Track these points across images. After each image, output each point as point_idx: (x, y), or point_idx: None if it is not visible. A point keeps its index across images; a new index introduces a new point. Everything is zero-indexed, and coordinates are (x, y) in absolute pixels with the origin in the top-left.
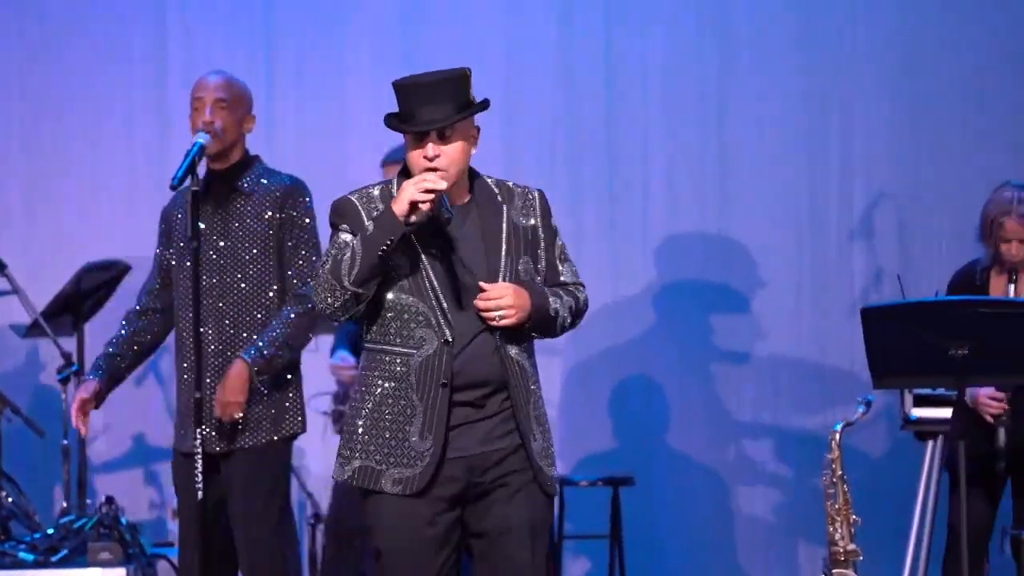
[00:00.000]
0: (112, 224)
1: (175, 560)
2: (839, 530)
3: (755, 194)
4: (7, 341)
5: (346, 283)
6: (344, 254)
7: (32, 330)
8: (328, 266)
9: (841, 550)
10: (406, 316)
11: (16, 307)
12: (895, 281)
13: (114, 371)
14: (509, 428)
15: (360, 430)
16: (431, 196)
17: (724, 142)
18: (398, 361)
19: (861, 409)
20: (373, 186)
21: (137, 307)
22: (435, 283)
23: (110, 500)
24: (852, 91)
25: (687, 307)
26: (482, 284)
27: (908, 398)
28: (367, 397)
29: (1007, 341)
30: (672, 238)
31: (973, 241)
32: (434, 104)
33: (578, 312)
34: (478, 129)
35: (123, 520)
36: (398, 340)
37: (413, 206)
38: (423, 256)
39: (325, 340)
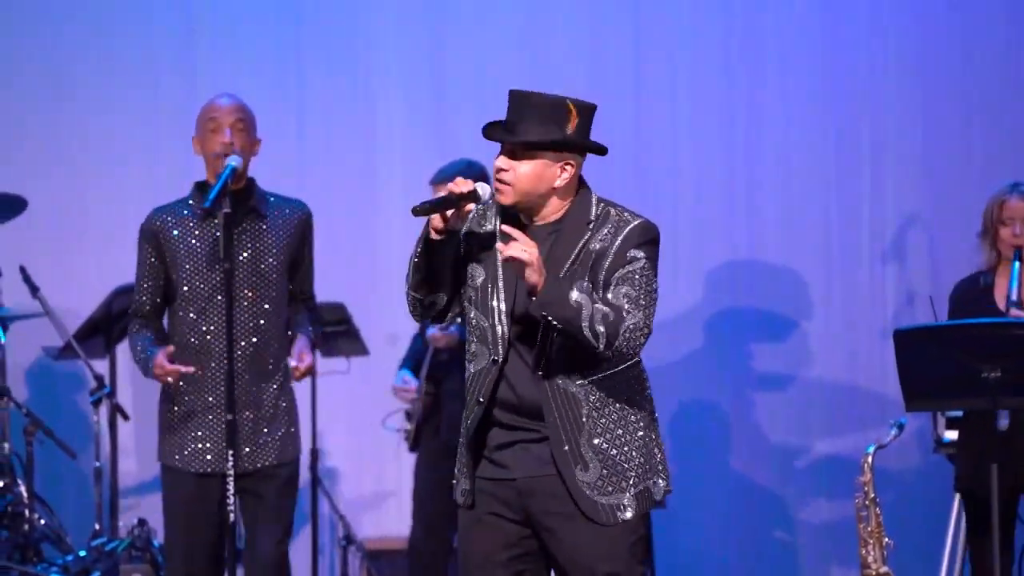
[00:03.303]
0: None
1: None
2: (872, 552)
3: (786, 218)
4: (40, 363)
5: (406, 286)
6: None
7: (64, 352)
8: None
9: (874, 573)
10: (473, 329)
11: (48, 330)
12: (928, 304)
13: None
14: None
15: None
16: (448, 196)
17: (754, 167)
18: (468, 375)
19: (894, 432)
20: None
21: (142, 319)
22: (499, 302)
23: (142, 522)
24: (883, 115)
25: (717, 331)
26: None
27: (941, 421)
28: None
29: None
30: (701, 262)
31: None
32: (524, 122)
33: (615, 328)
34: (573, 162)
35: (155, 542)
36: (468, 354)
37: (437, 207)
38: (499, 275)
39: (357, 362)
